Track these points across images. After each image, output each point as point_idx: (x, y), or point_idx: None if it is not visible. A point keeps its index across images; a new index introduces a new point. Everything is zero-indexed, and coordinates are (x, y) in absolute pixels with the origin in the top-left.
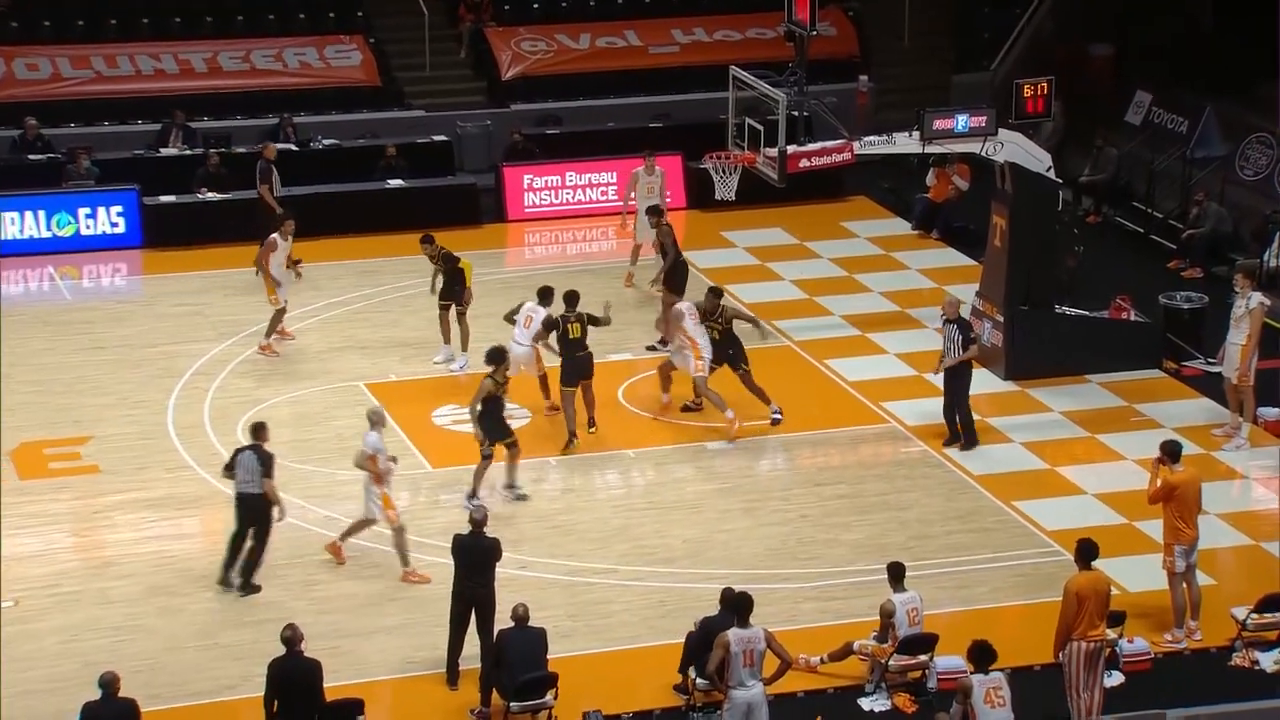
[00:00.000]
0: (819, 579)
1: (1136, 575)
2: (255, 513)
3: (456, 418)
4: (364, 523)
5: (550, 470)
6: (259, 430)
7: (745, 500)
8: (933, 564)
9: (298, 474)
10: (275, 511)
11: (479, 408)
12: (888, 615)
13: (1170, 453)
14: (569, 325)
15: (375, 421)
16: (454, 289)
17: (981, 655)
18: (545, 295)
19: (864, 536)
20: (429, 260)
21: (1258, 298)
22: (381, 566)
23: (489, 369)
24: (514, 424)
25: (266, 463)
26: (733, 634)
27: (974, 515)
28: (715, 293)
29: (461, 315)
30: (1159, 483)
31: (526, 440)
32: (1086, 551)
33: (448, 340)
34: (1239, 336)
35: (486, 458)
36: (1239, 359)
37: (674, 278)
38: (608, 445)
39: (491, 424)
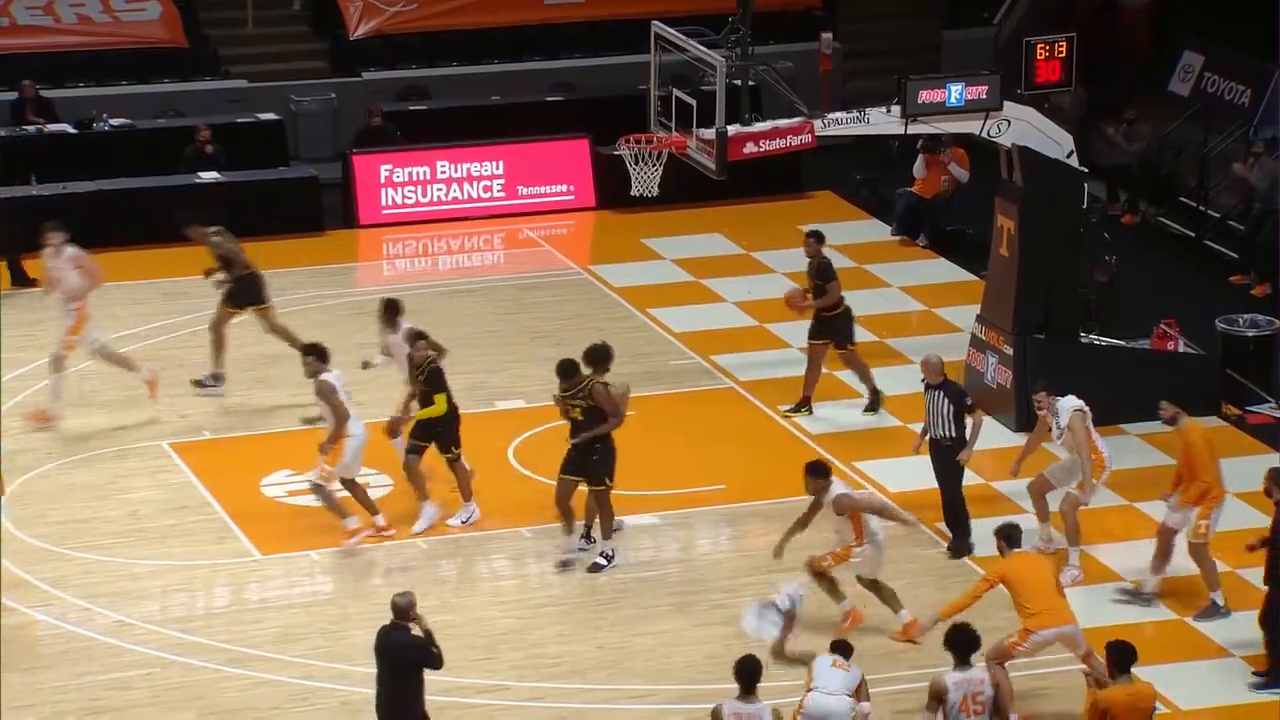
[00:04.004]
0: (775, 696)
1: (1189, 687)
2: None
3: (292, 487)
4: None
5: (418, 554)
6: None
7: (677, 593)
8: (925, 674)
9: (78, 566)
10: None
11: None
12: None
13: (1007, 537)
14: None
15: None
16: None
17: (962, 644)
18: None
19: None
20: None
21: (1069, 405)
22: (187, 687)
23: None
24: (374, 493)
25: None
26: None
27: (977, 610)
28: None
29: (454, 461)
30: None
31: (386, 513)
32: (1121, 656)
33: (466, 496)
34: (1075, 461)
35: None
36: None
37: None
38: (495, 521)
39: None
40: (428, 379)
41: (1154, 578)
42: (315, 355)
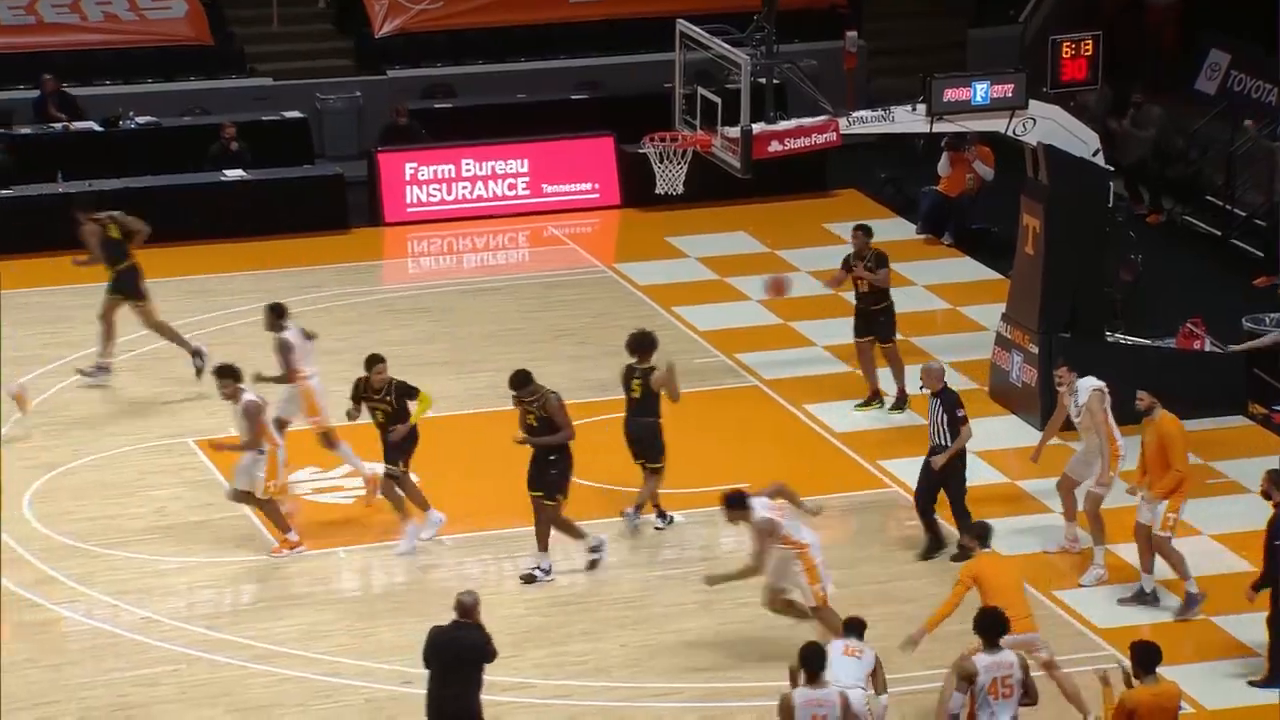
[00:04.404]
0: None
1: (1214, 687)
2: None
3: (320, 484)
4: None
5: (442, 552)
6: None
7: (701, 591)
8: (939, 675)
9: (105, 562)
10: None
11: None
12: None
13: (979, 536)
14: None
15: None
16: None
17: (990, 626)
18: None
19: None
20: (370, 394)
21: (1088, 385)
22: (214, 684)
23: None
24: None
25: None
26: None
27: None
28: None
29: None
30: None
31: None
32: (1146, 656)
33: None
34: (1091, 447)
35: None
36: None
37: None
38: (520, 519)
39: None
40: (397, 397)
41: (1149, 576)
42: (232, 377)
